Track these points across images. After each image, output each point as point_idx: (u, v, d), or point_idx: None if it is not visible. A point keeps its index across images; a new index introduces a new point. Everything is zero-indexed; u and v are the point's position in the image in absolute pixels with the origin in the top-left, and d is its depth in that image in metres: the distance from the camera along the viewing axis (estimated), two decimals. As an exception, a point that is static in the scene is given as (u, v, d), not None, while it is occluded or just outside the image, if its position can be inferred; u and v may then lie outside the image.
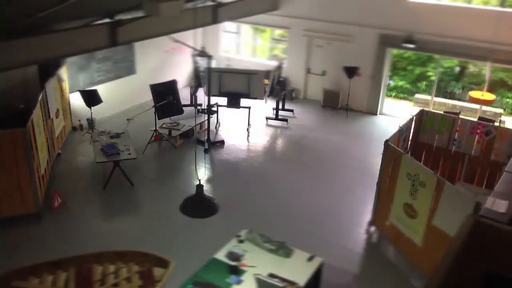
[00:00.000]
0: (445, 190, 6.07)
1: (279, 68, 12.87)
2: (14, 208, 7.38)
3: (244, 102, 11.21)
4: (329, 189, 9.06)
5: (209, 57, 10.42)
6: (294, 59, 13.97)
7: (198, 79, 12.41)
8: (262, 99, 11.57)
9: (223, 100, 11.41)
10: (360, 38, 12.67)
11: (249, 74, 10.95)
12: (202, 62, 12.51)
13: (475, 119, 10.03)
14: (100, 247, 6.54)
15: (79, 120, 11.22)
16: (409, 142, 8.84)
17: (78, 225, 7.63)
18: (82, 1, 6.20)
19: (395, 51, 13.41)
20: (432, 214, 6.30)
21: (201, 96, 12.46)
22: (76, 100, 10.84)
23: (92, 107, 10.58)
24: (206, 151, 10.21)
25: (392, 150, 7.17)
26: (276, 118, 12.31)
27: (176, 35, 8.56)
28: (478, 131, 8.50)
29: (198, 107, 11.75)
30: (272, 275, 5.32)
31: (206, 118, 10.53)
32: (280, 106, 12.56)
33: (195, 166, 8.94)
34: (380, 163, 7.52)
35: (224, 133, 11.44)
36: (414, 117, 8.72)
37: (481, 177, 8.63)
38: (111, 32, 7.10)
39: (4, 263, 6.12)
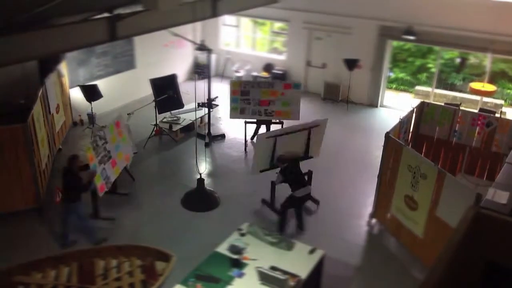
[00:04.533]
0: (446, 181, 6.08)
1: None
2: (16, 203, 7.40)
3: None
4: (329, 182, 9.06)
5: (209, 50, 10.37)
6: (294, 52, 13.92)
7: (198, 73, 12.37)
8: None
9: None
10: (360, 30, 12.61)
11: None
12: (202, 56, 12.47)
13: (476, 111, 10.04)
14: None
15: (80, 115, 11.21)
16: (410, 134, 8.84)
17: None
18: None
19: (395, 43, 13.35)
20: (434, 205, 6.30)
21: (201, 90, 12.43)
22: (77, 95, 10.82)
23: (92, 102, 10.56)
24: (206, 145, 10.20)
25: (393, 142, 7.16)
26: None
27: (176, 29, 8.52)
28: (479, 122, 8.48)
29: (199, 101, 11.72)
30: (273, 268, 5.34)
31: (206, 112, 10.52)
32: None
33: (196, 160, 8.94)
34: (381, 155, 7.52)
35: (225, 127, 11.42)
36: (415, 109, 8.70)
37: (482, 168, 8.63)
38: (110, 27, 7.05)
39: (6, 258, 6.14)
